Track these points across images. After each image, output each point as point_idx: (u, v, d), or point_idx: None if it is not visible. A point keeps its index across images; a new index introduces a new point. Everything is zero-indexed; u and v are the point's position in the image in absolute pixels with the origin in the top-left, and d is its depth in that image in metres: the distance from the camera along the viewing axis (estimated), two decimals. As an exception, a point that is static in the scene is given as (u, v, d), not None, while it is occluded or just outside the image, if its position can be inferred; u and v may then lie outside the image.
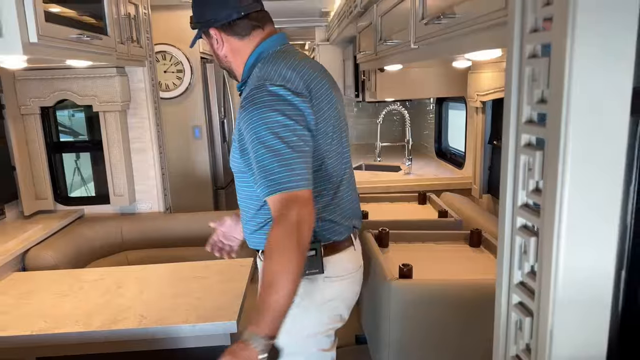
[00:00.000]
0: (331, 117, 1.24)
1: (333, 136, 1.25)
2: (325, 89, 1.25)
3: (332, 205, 1.27)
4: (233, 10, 1.24)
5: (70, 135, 3.29)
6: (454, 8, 1.01)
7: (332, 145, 1.25)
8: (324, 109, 1.22)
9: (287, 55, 1.26)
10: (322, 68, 1.34)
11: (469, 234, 1.82)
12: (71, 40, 1.56)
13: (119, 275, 1.97)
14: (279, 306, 1.02)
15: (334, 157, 1.26)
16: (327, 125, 1.22)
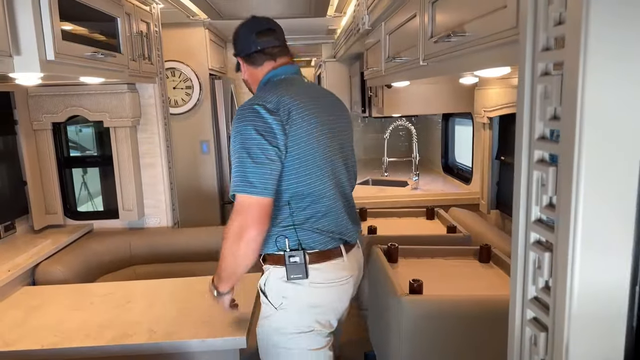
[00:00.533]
0: (310, 143, 1.38)
1: (310, 159, 1.38)
2: (308, 119, 1.39)
3: (314, 218, 1.41)
4: (252, 45, 1.52)
5: (78, 151, 3.33)
6: (464, 26, 1.03)
7: (308, 168, 1.38)
8: (301, 135, 1.36)
9: (285, 83, 1.49)
10: (318, 97, 1.53)
11: (479, 249, 1.81)
12: (86, 58, 1.59)
13: (128, 289, 1.97)
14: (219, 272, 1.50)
15: (311, 177, 1.39)
16: (301, 149, 1.36)
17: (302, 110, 1.37)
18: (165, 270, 2.56)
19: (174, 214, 2.82)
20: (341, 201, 1.48)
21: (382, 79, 2.17)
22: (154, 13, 2.65)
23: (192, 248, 2.62)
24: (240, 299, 1.82)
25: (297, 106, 1.37)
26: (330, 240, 1.42)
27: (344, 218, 1.49)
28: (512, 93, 2.13)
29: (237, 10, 3.32)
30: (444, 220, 2.29)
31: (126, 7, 2.14)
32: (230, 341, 1.53)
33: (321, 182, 1.41)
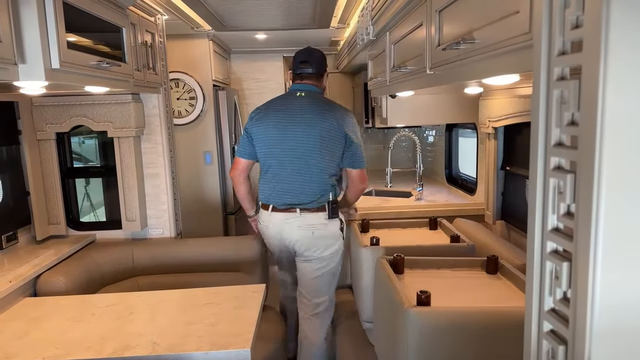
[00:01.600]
0: (264, 139, 2.28)
1: (262, 147, 2.28)
2: (265, 126, 2.28)
3: (261, 183, 2.36)
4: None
5: (81, 162, 3.32)
6: (473, 34, 1.02)
7: (260, 151, 2.30)
8: (258, 133, 2.28)
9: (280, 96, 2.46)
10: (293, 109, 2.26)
11: (486, 260, 1.79)
12: (91, 67, 1.59)
13: (130, 301, 1.95)
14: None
15: (262, 157, 2.31)
16: (258, 140, 2.29)
17: (260, 121, 2.29)
18: (168, 281, 2.54)
19: (177, 224, 2.80)
20: (283, 176, 2.25)
21: (386, 88, 2.17)
22: (158, 24, 2.66)
23: (195, 259, 2.60)
24: (243, 310, 1.80)
25: (261, 118, 2.30)
26: (264, 198, 2.32)
27: (279, 188, 2.27)
28: (517, 103, 2.12)
29: (241, 22, 3.33)
30: (448, 231, 2.26)
31: (131, 18, 2.15)
32: (234, 354, 1.50)
33: (265, 161, 2.30)
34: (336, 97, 4.65)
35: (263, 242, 2.67)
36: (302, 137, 2.20)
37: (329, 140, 2.20)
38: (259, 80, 4.80)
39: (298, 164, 2.22)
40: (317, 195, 2.25)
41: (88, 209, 2.99)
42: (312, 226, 2.25)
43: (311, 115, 2.21)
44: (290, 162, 2.23)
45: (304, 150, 2.20)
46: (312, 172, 2.23)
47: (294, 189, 2.24)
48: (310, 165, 2.22)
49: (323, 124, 2.19)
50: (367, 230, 2.36)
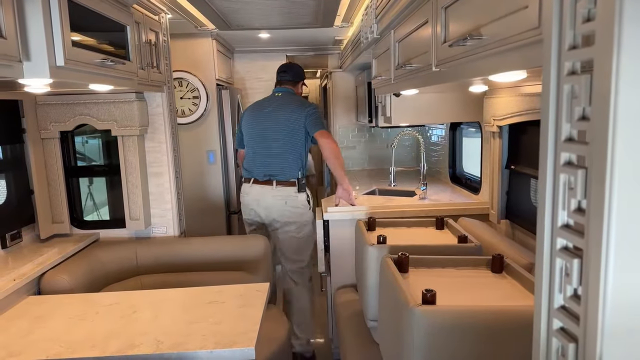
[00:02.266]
0: (246, 129, 3.01)
1: (246, 136, 3.01)
2: (248, 119, 3.02)
3: (244, 163, 3.01)
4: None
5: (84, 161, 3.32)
6: (481, 30, 1.01)
7: (245, 138, 3.01)
8: (244, 125, 3.02)
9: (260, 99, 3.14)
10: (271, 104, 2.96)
11: (491, 259, 1.78)
12: (95, 65, 1.59)
13: (134, 299, 1.95)
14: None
15: (246, 143, 3.00)
16: (244, 131, 3.02)
17: (245, 117, 3.05)
18: (172, 280, 2.54)
19: (180, 223, 2.80)
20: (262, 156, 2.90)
21: (391, 87, 2.16)
22: (162, 22, 2.65)
23: (199, 258, 2.59)
24: (247, 308, 1.79)
25: (246, 115, 3.05)
26: (247, 174, 2.95)
27: (259, 164, 2.90)
28: (522, 101, 2.11)
29: (245, 21, 3.33)
30: (454, 230, 2.25)
31: (136, 16, 2.15)
32: (239, 352, 1.50)
33: (252, 144, 2.94)
34: (339, 97, 4.65)
35: (267, 241, 2.67)
36: (272, 125, 2.89)
37: (292, 127, 2.85)
38: (262, 79, 4.80)
39: (269, 146, 2.88)
40: (285, 170, 2.85)
41: (92, 207, 3.00)
42: (285, 197, 2.86)
43: (280, 109, 2.90)
44: (263, 144, 2.90)
45: (273, 135, 2.88)
46: (279, 152, 2.87)
47: (267, 165, 2.88)
48: (279, 146, 2.87)
49: (288, 116, 2.86)
50: (374, 229, 2.36)
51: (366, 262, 2.01)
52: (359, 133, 4.70)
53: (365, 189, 3.54)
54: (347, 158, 4.69)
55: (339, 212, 2.81)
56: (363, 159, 4.70)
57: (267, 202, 2.86)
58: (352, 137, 4.69)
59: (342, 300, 2.66)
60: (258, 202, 2.88)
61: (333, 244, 2.84)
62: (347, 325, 2.38)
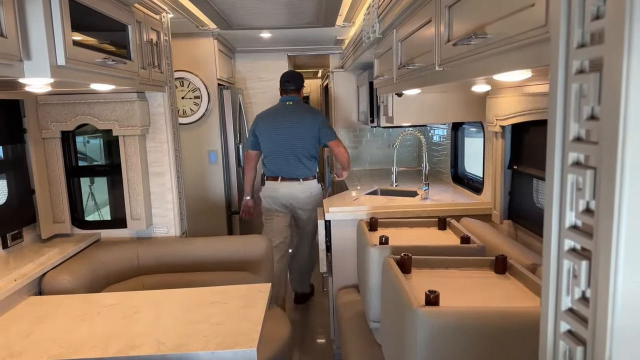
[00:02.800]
0: (266, 134, 3.44)
1: (267, 141, 3.44)
2: (267, 127, 3.46)
3: (267, 163, 3.47)
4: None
5: (85, 161, 3.32)
6: (485, 28, 1.00)
7: (265, 142, 3.45)
8: (263, 131, 3.45)
9: (274, 106, 3.60)
10: (285, 114, 3.47)
11: (494, 260, 1.77)
12: (96, 64, 1.58)
13: (135, 300, 1.94)
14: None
15: (266, 147, 3.45)
16: (263, 136, 3.45)
17: (263, 124, 3.49)
18: (173, 280, 2.53)
19: (182, 223, 2.79)
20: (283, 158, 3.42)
21: (393, 86, 2.15)
22: (163, 22, 2.65)
23: (200, 258, 2.59)
24: (249, 309, 1.78)
25: (263, 122, 3.50)
26: (271, 172, 3.47)
27: (281, 164, 3.42)
28: (525, 101, 2.10)
29: (247, 20, 3.32)
30: (457, 231, 2.24)
31: (137, 15, 2.14)
32: (241, 353, 1.49)
33: (271, 148, 3.43)
34: (341, 97, 4.64)
35: (269, 241, 2.67)
36: (293, 133, 3.42)
37: (309, 134, 3.42)
38: (264, 79, 4.79)
39: (292, 150, 3.41)
40: (308, 168, 3.47)
41: (93, 207, 2.99)
42: (310, 189, 3.49)
43: (295, 117, 3.45)
44: (287, 149, 3.41)
45: (294, 141, 3.41)
46: (302, 155, 3.43)
47: (294, 166, 3.43)
48: (301, 150, 3.42)
49: (304, 124, 3.42)
50: (376, 229, 2.35)
51: (368, 262, 2.00)
52: (360, 133, 4.69)
53: (367, 189, 3.53)
54: (348, 158, 4.69)
55: (340, 212, 2.80)
56: (364, 158, 4.69)
57: (296, 194, 3.47)
58: (354, 137, 4.68)
59: (344, 301, 2.65)
60: (287, 195, 3.46)
61: (335, 244, 2.83)
62: (349, 326, 2.38)
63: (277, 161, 3.44)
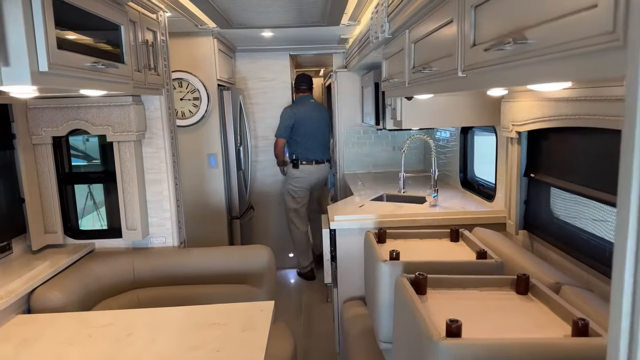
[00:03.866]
0: (304, 127, 4.34)
1: (303, 131, 4.34)
2: (302, 118, 4.35)
3: (301, 149, 4.36)
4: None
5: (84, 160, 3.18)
6: (525, 32, 0.87)
7: (302, 133, 4.34)
8: (302, 124, 4.34)
9: (298, 102, 4.49)
10: (312, 109, 4.46)
11: (515, 279, 1.64)
12: (85, 69, 1.45)
13: (129, 319, 1.81)
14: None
15: (301, 135, 4.34)
16: (298, 126, 4.33)
17: (302, 117, 4.32)
18: (171, 294, 2.41)
19: (180, 233, 2.66)
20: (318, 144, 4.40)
21: (405, 90, 2.02)
22: (160, 21, 2.51)
23: (199, 270, 2.46)
24: (250, 331, 1.65)
25: (302, 115, 4.34)
26: (307, 159, 4.36)
27: (317, 150, 4.38)
28: (547, 106, 1.97)
29: (248, 19, 3.19)
30: (471, 243, 2.12)
31: (131, 15, 2.00)
32: (243, 386, 1.36)
33: (304, 137, 4.33)
34: (344, 97, 4.50)
35: (271, 252, 2.55)
36: (320, 125, 4.44)
37: (325, 125, 4.51)
38: (265, 79, 4.66)
39: (317, 138, 4.40)
40: (328, 154, 4.54)
41: (87, 216, 2.86)
42: (330, 169, 4.59)
43: (318, 111, 4.49)
44: (318, 138, 4.40)
45: (321, 132, 4.44)
46: (326, 143, 4.51)
47: (323, 151, 4.45)
48: (325, 139, 4.50)
49: (323, 116, 4.53)
50: (384, 241, 2.22)
51: (378, 279, 1.87)
52: (364, 135, 4.55)
53: (372, 194, 3.40)
54: (352, 161, 4.56)
55: (346, 220, 2.67)
56: (368, 161, 4.56)
57: (324, 174, 4.52)
58: (358, 139, 4.55)
59: (350, 315, 2.52)
60: (319, 175, 4.44)
61: (340, 254, 2.71)
62: (357, 343, 2.25)
63: (312, 148, 4.35)
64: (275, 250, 4.75)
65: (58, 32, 1.28)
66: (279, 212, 4.77)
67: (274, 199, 4.77)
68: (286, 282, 4.57)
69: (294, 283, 4.54)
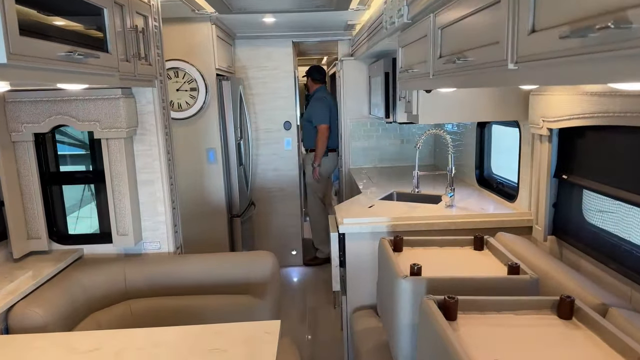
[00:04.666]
0: (333, 115, 4.52)
1: (333, 119, 4.49)
2: (333, 107, 4.55)
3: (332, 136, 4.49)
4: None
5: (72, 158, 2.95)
6: (628, 13, 0.64)
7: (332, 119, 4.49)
8: (332, 112, 4.51)
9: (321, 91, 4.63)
10: (333, 99, 4.70)
11: (557, 302, 1.43)
12: (58, 60, 1.22)
13: (118, 342, 1.60)
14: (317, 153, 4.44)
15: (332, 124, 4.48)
16: (332, 115, 4.50)
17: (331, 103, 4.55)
18: (166, 305, 2.20)
19: (176, 237, 2.45)
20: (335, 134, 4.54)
21: (428, 82, 1.78)
22: (153, 5, 2.27)
23: (197, 279, 2.25)
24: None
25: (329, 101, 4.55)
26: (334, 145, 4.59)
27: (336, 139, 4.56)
28: (587, 102, 1.74)
29: (249, 3, 2.94)
30: (497, 252, 1.91)
31: (118, -3, 1.77)
32: None
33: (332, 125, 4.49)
34: (351, 87, 4.27)
35: (275, 258, 2.34)
36: (337, 113, 4.55)
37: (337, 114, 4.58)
38: (266, 68, 4.41)
39: (337, 127, 4.53)
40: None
41: (75, 219, 2.64)
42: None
43: (335, 101, 4.63)
44: (336, 126, 4.52)
45: (337, 120, 4.53)
46: (337, 132, 4.55)
47: (337, 140, 4.56)
48: (337, 128, 4.55)
49: (336, 106, 4.60)
50: (401, 249, 2.01)
51: (397, 296, 1.66)
52: (371, 127, 4.33)
53: (382, 192, 3.19)
54: (358, 155, 4.33)
55: (356, 224, 2.46)
56: (375, 155, 4.34)
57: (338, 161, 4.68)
58: (364, 132, 4.32)
59: (361, 327, 2.32)
60: (336, 162, 4.61)
61: (349, 260, 2.50)
62: (370, 358, 2.05)
63: (334, 137, 4.49)
64: (278, 248, 4.60)
65: (21, 12, 1.05)
66: (281, 208, 4.56)
67: (276, 194, 4.55)
68: (289, 281, 4.37)
69: (298, 282, 4.35)
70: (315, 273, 4.51)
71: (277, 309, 2.26)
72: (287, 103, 4.45)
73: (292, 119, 4.48)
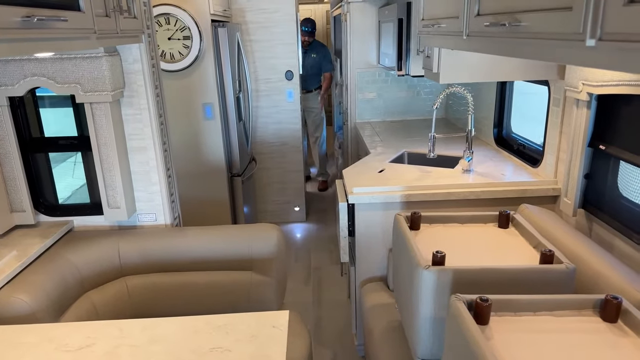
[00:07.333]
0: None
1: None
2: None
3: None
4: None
5: (57, 122, 2.72)
6: None
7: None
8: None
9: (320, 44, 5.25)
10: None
11: (602, 302, 1.28)
12: (13, 28, 0.97)
13: (112, 338, 1.47)
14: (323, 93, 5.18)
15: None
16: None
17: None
18: (165, 282, 2.07)
19: (173, 208, 2.28)
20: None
21: (459, 42, 1.53)
22: (135, -56, 1.95)
23: (197, 253, 2.10)
24: None
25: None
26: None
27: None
28: None
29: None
30: (525, 232, 1.74)
31: (90, -63, 1.47)
32: None
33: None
34: (357, 33, 3.93)
35: (281, 231, 2.19)
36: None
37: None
38: (266, 11, 4.04)
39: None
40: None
41: (65, 188, 2.45)
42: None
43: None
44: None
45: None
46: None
47: None
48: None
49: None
50: (418, 227, 1.84)
51: (419, 288, 1.51)
52: (379, 78, 4.03)
53: (392, 153, 2.98)
54: (364, 108, 4.07)
55: (368, 193, 2.27)
56: (383, 107, 4.08)
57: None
58: (372, 82, 4.03)
59: (372, 303, 2.20)
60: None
61: (359, 231, 2.34)
62: (383, 342, 1.94)
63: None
64: (280, 204, 4.45)
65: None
66: (283, 163, 4.36)
67: (277, 148, 4.33)
68: (292, 238, 4.26)
69: (301, 239, 4.24)
70: (319, 229, 4.39)
71: (282, 288, 2.13)
72: (289, 50, 4.12)
73: (294, 68, 4.16)
